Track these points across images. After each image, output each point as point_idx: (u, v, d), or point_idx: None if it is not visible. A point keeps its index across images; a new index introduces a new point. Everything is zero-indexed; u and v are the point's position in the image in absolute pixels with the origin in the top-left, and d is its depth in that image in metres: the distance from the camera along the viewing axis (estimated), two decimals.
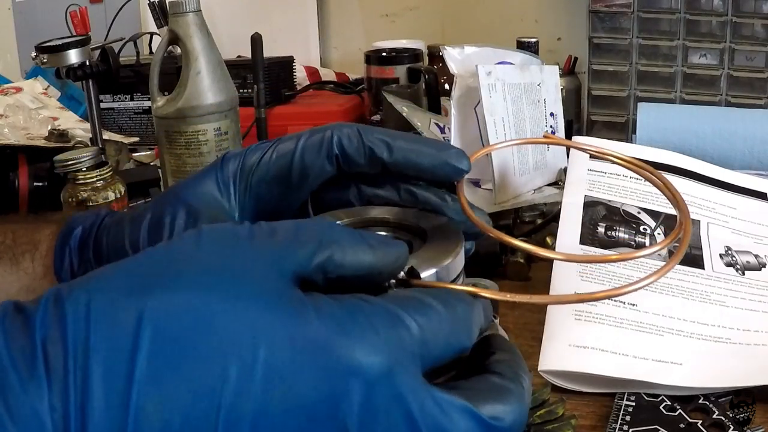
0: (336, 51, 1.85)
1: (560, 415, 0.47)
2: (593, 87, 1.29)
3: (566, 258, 0.62)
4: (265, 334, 0.27)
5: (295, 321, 0.28)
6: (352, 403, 0.28)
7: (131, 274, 0.29)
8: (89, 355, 0.26)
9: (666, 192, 0.42)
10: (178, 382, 0.26)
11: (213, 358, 0.27)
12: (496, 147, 0.72)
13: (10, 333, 0.27)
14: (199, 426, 0.26)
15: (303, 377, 0.27)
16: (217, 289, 0.28)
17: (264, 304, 0.28)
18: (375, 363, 0.28)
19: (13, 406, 0.25)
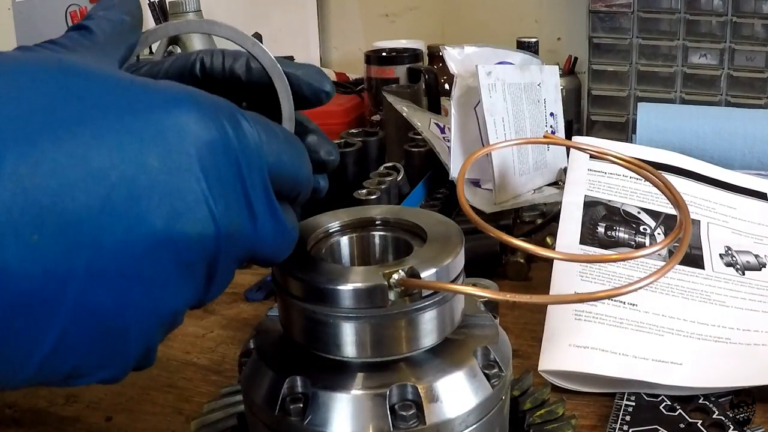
0: (336, 51, 1.85)
1: (560, 415, 0.47)
2: (593, 87, 1.29)
3: (566, 258, 0.62)
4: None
5: (141, 92, 0.29)
6: (196, 169, 0.29)
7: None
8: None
9: (666, 192, 0.42)
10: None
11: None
12: (496, 147, 0.72)
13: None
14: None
15: (150, 135, 0.28)
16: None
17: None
18: (213, 132, 0.30)
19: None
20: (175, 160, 0.28)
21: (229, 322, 0.73)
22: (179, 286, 0.30)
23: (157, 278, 0.29)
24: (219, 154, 0.30)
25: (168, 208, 0.28)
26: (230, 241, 0.30)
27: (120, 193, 0.27)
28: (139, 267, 0.28)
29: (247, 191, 0.31)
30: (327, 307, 0.35)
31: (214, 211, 0.29)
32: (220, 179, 0.30)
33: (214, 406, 0.47)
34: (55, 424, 0.58)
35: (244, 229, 0.31)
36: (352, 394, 0.35)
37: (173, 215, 0.28)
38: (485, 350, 0.38)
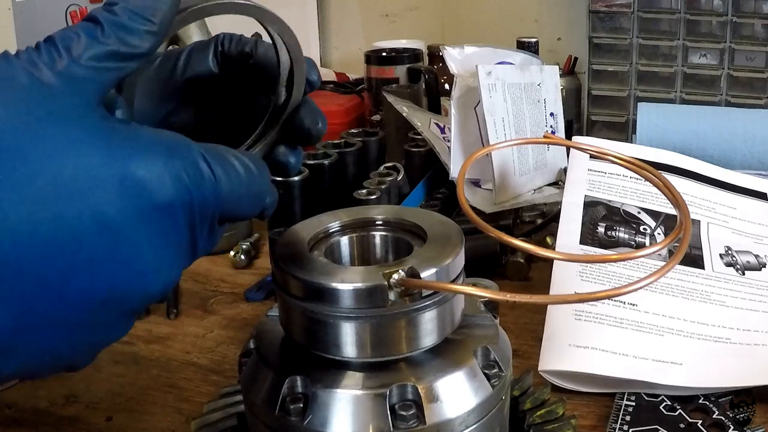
0: (336, 51, 1.85)
1: (560, 415, 0.47)
2: (593, 87, 1.29)
3: (566, 258, 0.62)
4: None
5: (96, 145, 0.30)
6: (146, 228, 0.31)
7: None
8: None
9: (666, 192, 0.42)
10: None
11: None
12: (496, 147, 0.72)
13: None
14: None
15: (103, 194, 0.30)
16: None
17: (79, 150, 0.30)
18: (166, 188, 0.31)
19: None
20: (124, 223, 0.30)
21: (229, 322, 0.73)
22: (124, 325, 0.33)
23: (104, 324, 0.32)
24: (170, 213, 0.31)
25: (116, 271, 0.30)
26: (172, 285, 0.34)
27: (76, 257, 0.29)
28: (92, 317, 0.31)
29: (195, 241, 0.33)
30: (327, 307, 0.35)
31: (157, 270, 0.32)
32: (169, 237, 0.32)
33: (214, 406, 0.47)
34: (55, 424, 0.58)
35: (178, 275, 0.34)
36: (352, 394, 0.35)
37: (122, 277, 0.31)
38: (485, 350, 0.38)
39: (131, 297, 0.31)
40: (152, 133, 0.32)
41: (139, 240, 0.30)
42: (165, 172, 0.31)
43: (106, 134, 0.30)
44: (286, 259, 0.37)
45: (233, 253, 0.85)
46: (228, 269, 0.84)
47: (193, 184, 0.32)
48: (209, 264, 0.85)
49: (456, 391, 0.36)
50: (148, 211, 0.30)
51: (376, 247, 0.42)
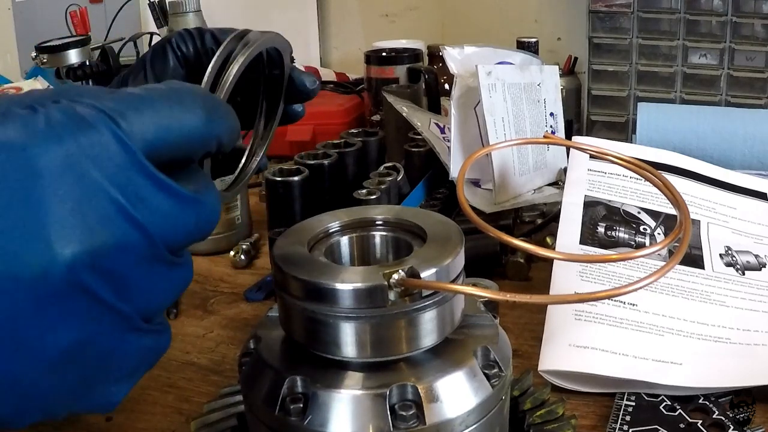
0: (336, 51, 1.85)
1: (560, 415, 0.47)
2: (593, 87, 1.29)
3: (566, 258, 0.62)
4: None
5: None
6: (44, 196, 0.27)
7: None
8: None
9: (666, 192, 0.42)
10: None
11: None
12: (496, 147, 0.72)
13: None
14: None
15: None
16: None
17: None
18: (53, 156, 0.27)
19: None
20: (13, 187, 0.27)
21: (229, 322, 0.73)
22: (51, 323, 0.28)
23: (14, 320, 0.27)
24: (63, 175, 0.28)
25: (4, 250, 0.27)
26: (108, 257, 0.28)
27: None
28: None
29: (115, 198, 0.28)
30: (327, 307, 0.35)
31: (57, 242, 0.27)
32: (68, 201, 0.28)
33: (214, 406, 0.47)
34: (55, 423, 0.58)
35: (125, 237, 0.29)
36: (352, 394, 0.35)
37: (10, 256, 0.27)
38: (485, 350, 0.38)
39: (25, 280, 0.27)
40: (42, 109, 0.29)
41: (20, 210, 0.27)
42: (48, 137, 0.28)
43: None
44: (286, 259, 0.37)
45: (233, 253, 0.85)
46: (228, 269, 0.84)
47: (85, 140, 0.29)
48: (209, 264, 0.85)
49: (456, 391, 0.36)
50: (31, 178, 0.27)
51: (376, 247, 0.42)
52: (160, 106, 0.31)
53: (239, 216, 0.90)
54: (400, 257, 0.39)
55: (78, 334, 0.28)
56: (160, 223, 0.30)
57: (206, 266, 0.85)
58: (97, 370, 0.30)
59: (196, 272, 0.36)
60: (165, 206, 0.30)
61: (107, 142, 0.29)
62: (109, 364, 0.30)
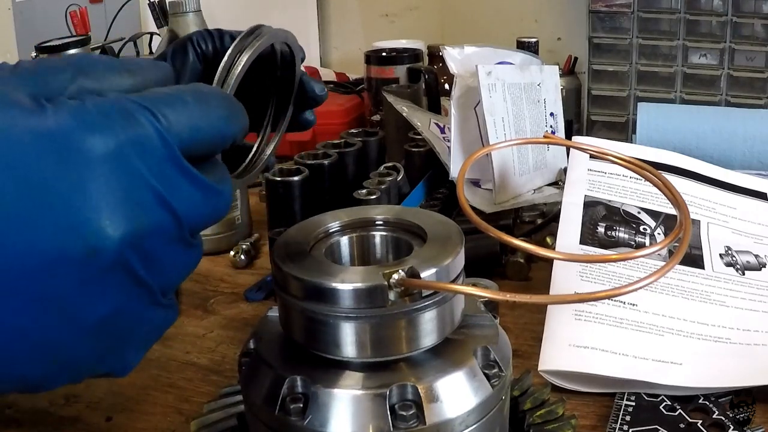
0: (336, 51, 1.85)
1: (560, 415, 0.47)
2: (593, 87, 1.29)
3: (566, 258, 0.62)
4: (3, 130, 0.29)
5: (34, 116, 0.30)
6: (95, 182, 0.30)
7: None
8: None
9: (666, 192, 0.42)
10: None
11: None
12: (496, 147, 0.72)
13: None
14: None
15: (43, 164, 0.29)
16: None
17: (6, 108, 0.30)
18: (103, 146, 0.30)
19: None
20: (68, 175, 0.30)
21: (229, 322, 0.73)
22: (90, 296, 0.31)
23: (58, 293, 0.30)
24: (112, 164, 0.30)
25: (50, 230, 0.29)
26: (146, 239, 0.31)
27: (5, 218, 0.28)
28: (40, 286, 0.29)
29: (154, 187, 0.32)
30: (327, 307, 0.35)
31: (106, 225, 0.30)
32: (117, 187, 0.31)
33: (214, 406, 0.47)
34: (55, 424, 0.58)
35: (161, 222, 0.32)
36: (352, 394, 0.35)
37: (57, 236, 0.29)
38: (485, 350, 0.38)
39: (75, 260, 0.30)
40: (83, 102, 0.32)
41: (72, 198, 0.30)
42: (97, 131, 0.31)
43: (35, 106, 0.31)
44: (286, 259, 0.37)
45: (233, 253, 0.85)
46: (228, 269, 0.84)
47: (131, 133, 0.31)
48: (209, 264, 0.85)
49: (456, 391, 0.36)
50: (82, 168, 0.30)
51: (376, 247, 0.42)
52: (193, 107, 0.34)
53: (239, 216, 0.90)
54: (400, 257, 0.39)
55: (113, 306, 0.32)
56: (188, 210, 0.33)
57: (206, 266, 0.84)
58: (122, 337, 0.34)
59: (196, 272, 0.37)
60: (194, 195, 0.33)
61: (150, 136, 0.32)
62: (132, 333, 0.34)
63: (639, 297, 0.64)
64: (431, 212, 0.42)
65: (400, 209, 0.42)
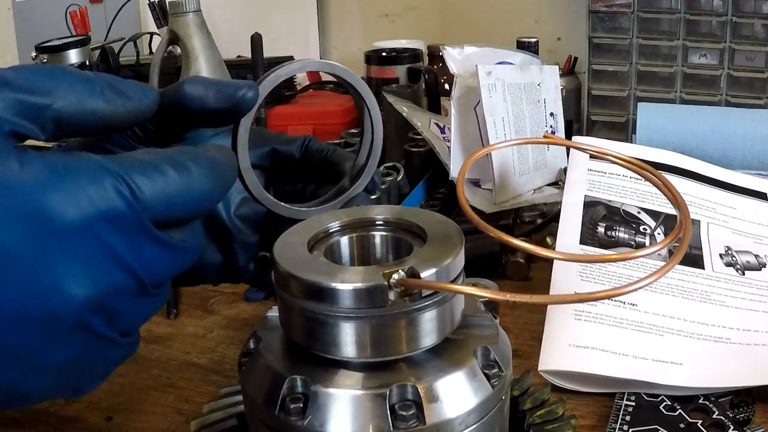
0: (336, 51, 1.85)
1: (560, 415, 0.47)
2: (593, 87, 1.29)
3: (566, 258, 0.62)
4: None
5: (3, 167, 0.30)
6: (61, 250, 0.31)
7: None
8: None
9: (666, 192, 0.42)
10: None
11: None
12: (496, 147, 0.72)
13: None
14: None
15: (8, 227, 0.30)
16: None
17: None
18: (72, 215, 0.31)
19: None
20: (35, 243, 0.31)
21: (229, 322, 0.73)
22: (55, 348, 0.32)
23: (23, 344, 0.32)
24: (78, 234, 0.31)
25: (17, 293, 0.30)
26: (107, 298, 0.33)
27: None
28: (6, 337, 0.31)
29: (118, 253, 0.32)
30: (327, 307, 0.35)
31: (69, 290, 0.31)
32: (81, 256, 0.31)
33: (214, 406, 0.47)
34: (55, 424, 0.58)
35: (121, 282, 0.33)
36: (352, 394, 0.35)
37: (23, 299, 0.31)
38: (485, 350, 0.38)
39: (39, 319, 0.31)
40: (63, 164, 0.32)
41: (39, 264, 0.31)
42: (69, 199, 0.31)
43: (15, 161, 0.31)
44: (286, 258, 0.37)
45: None
46: None
47: (101, 203, 0.32)
48: None
49: (456, 391, 0.36)
50: (53, 235, 0.31)
51: (376, 247, 0.42)
52: (171, 179, 0.34)
53: None
54: (400, 257, 0.39)
55: (75, 354, 0.33)
56: (152, 270, 0.34)
57: None
58: (81, 375, 0.35)
59: None
60: (160, 257, 0.35)
61: (119, 208, 0.32)
62: (91, 370, 0.36)
63: (639, 297, 0.64)
64: (431, 212, 0.42)
65: (400, 209, 0.42)
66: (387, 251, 0.42)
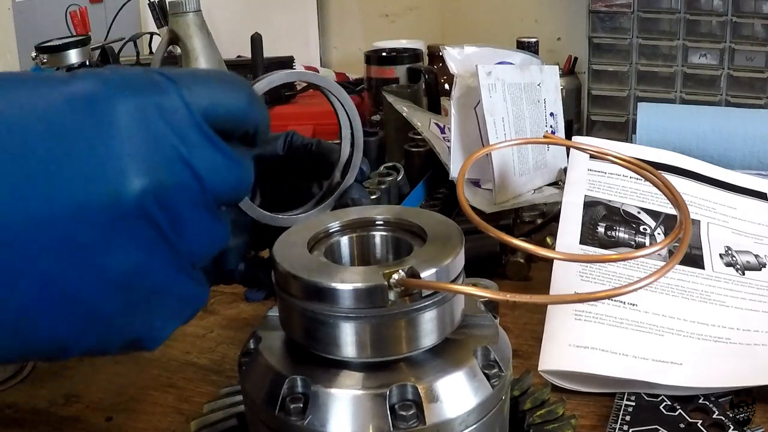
0: (336, 51, 1.85)
1: (560, 415, 0.47)
2: (593, 87, 1.29)
3: (566, 258, 0.62)
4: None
5: (65, 83, 0.32)
6: (119, 136, 0.32)
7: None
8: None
9: (666, 192, 0.42)
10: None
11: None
12: (496, 147, 0.72)
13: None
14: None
15: (70, 118, 0.31)
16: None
17: (44, 78, 0.33)
18: (128, 105, 0.33)
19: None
20: (88, 131, 0.31)
21: (229, 322, 0.73)
22: (117, 245, 0.32)
23: (84, 240, 0.31)
24: (135, 121, 0.32)
25: (75, 176, 0.31)
26: (169, 194, 0.33)
27: (29, 170, 0.30)
28: (63, 233, 0.30)
29: (176, 146, 0.33)
30: (327, 307, 0.35)
31: (130, 173, 0.32)
32: (140, 143, 0.32)
33: (214, 406, 0.47)
34: (55, 424, 0.58)
35: (183, 180, 0.33)
36: (352, 394, 0.35)
37: (88, 183, 0.31)
38: (485, 350, 0.38)
39: (99, 204, 0.31)
40: (110, 69, 0.34)
41: (97, 146, 0.31)
42: (122, 91, 0.33)
43: (68, 76, 0.33)
44: (286, 258, 0.37)
45: None
46: None
47: (155, 94, 0.33)
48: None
49: (456, 391, 0.36)
50: (107, 121, 0.32)
51: (376, 247, 0.42)
52: (214, 85, 0.36)
53: None
54: (400, 257, 0.39)
55: (138, 259, 0.32)
56: (210, 174, 0.34)
57: None
58: (149, 299, 0.34)
59: None
60: (215, 160, 0.34)
61: (173, 101, 0.34)
62: (159, 299, 0.34)
63: (639, 297, 0.64)
64: (431, 212, 0.42)
65: (400, 209, 0.42)
66: (387, 251, 0.42)
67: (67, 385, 0.62)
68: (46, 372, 0.64)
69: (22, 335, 0.31)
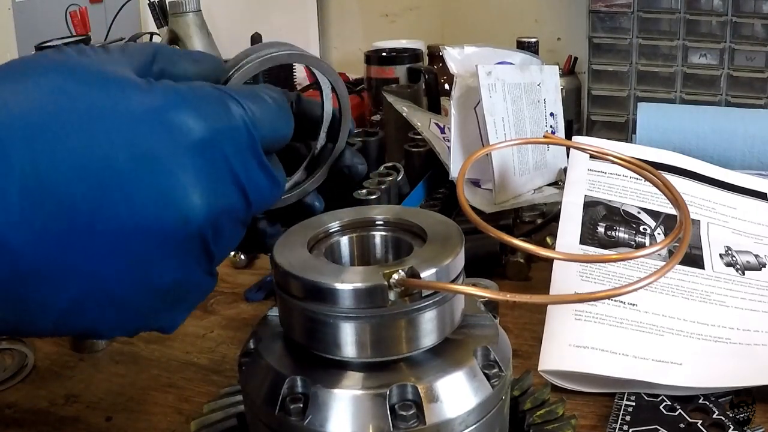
0: (336, 51, 1.85)
1: (560, 415, 0.47)
2: (593, 87, 1.29)
3: (566, 258, 0.62)
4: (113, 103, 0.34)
5: (144, 93, 0.34)
6: (192, 159, 0.34)
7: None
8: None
9: (666, 192, 0.42)
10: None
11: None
12: (496, 147, 0.72)
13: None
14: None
15: (151, 137, 0.33)
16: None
17: (123, 86, 0.35)
18: (202, 129, 0.35)
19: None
20: (161, 156, 0.33)
21: (229, 322, 0.73)
22: (170, 262, 0.35)
23: (146, 256, 0.34)
24: (206, 146, 0.35)
25: (151, 199, 0.33)
26: (221, 216, 0.36)
27: (110, 185, 0.32)
28: (128, 247, 0.33)
29: (236, 172, 0.36)
30: (327, 307, 0.35)
31: (195, 200, 0.34)
32: (207, 168, 0.35)
33: (214, 406, 0.47)
34: (55, 424, 0.58)
35: (234, 203, 0.37)
36: (352, 394, 0.35)
37: (157, 205, 0.33)
38: (485, 350, 0.38)
39: (168, 228, 0.34)
40: (187, 86, 0.36)
41: (174, 172, 0.33)
42: (198, 115, 0.35)
43: (147, 84, 0.35)
44: (286, 258, 0.37)
45: (233, 253, 0.85)
46: (228, 269, 0.84)
47: (225, 122, 0.36)
48: None
49: (456, 391, 0.36)
50: (183, 147, 0.34)
51: (376, 247, 0.42)
52: (271, 106, 0.39)
53: None
54: (400, 257, 0.39)
55: (183, 272, 0.36)
56: (257, 195, 0.38)
57: None
58: (179, 299, 0.38)
59: None
60: (263, 184, 0.38)
61: (239, 127, 0.36)
62: (187, 296, 0.38)
63: (639, 297, 0.64)
64: (431, 212, 0.42)
65: (400, 209, 0.42)
66: (387, 251, 0.42)
67: (67, 385, 0.62)
68: (46, 372, 0.65)
69: (62, 325, 0.34)
